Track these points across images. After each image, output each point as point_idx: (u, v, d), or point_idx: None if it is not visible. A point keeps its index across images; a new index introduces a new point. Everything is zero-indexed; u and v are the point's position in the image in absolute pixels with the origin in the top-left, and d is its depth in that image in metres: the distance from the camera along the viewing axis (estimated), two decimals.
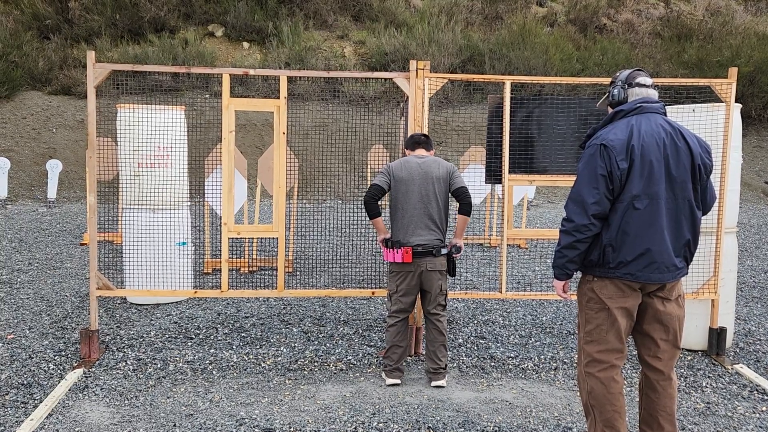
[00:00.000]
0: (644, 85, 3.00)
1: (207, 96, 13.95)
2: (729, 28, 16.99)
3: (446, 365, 4.22)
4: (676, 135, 2.89)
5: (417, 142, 4.31)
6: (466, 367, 4.55)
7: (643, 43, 17.04)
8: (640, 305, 2.96)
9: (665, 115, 2.99)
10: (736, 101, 4.75)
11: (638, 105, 2.94)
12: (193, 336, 5.06)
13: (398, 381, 4.20)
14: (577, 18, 17.57)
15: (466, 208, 4.14)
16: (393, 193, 4.20)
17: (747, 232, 10.38)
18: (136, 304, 5.90)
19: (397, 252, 4.08)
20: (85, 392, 4.03)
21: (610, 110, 3.08)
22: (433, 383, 4.18)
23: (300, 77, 13.94)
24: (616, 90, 3.04)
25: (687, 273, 3.01)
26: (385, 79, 6.64)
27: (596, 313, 2.96)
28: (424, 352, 4.71)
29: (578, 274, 3.10)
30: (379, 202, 4.20)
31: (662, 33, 17.35)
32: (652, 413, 3.04)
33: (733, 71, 4.72)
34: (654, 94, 3.01)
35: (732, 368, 4.57)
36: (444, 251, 4.14)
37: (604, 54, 15.88)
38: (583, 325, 3.03)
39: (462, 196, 4.13)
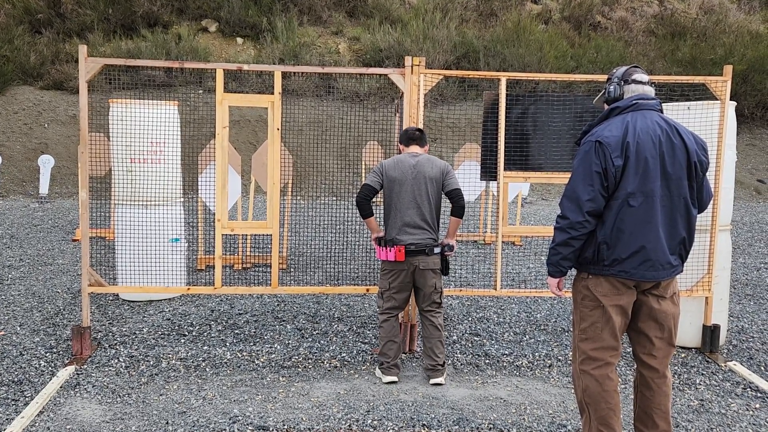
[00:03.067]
0: (640, 82, 2.98)
1: (200, 91, 13.88)
2: (722, 27, 17.05)
3: (444, 362, 4.20)
4: (671, 132, 2.88)
5: (411, 138, 4.28)
6: (461, 364, 4.54)
7: (637, 41, 17.08)
8: (635, 303, 2.96)
9: (661, 112, 2.98)
10: (730, 99, 4.75)
11: (634, 102, 2.93)
12: (186, 333, 5.03)
13: (395, 378, 4.18)
14: (572, 15, 17.58)
15: (458, 210, 4.13)
16: (386, 192, 4.19)
17: (740, 229, 10.43)
18: (129, 301, 5.86)
19: (390, 250, 4.07)
20: (76, 389, 4.00)
21: (606, 107, 3.07)
22: (432, 381, 4.16)
23: (294, 73, 13.89)
24: (612, 87, 3.03)
25: (682, 271, 3.00)
26: (380, 76, 6.61)
27: (591, 311, 2.95)
28: (418, 350, 4.71)
29: (573, 272, 3.10)
30: (374, 199, 4.18)
31: (656, 31, 17.40)
32: (647, 411, 3.04)
33: (728, 69, 4.72)
34: (650, 91, 3.00)
35: (725, 365, 4.58)
36: (437, 250, 4.13)
37: (599, 51, 15.91)
38: (578, 322, 3.02)
39: (456, 198, 4.12)
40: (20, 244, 8.15)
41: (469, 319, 5.54)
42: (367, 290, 4.89)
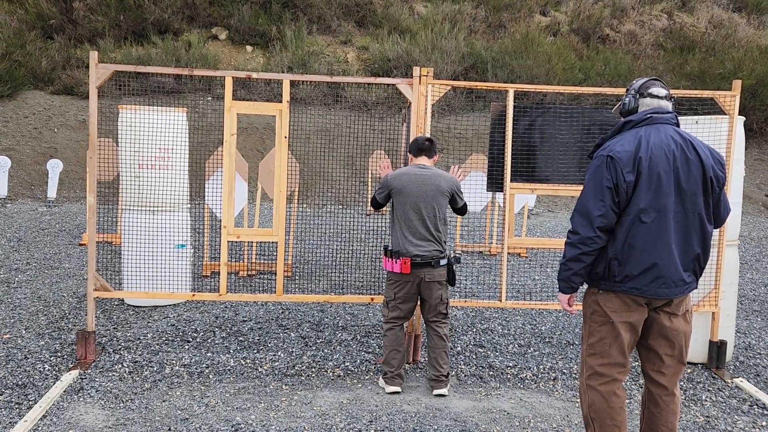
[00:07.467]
0: (657, 96, 2.93)
1: (209, 98, 13.96)
2: (731, 41, 17.01)
3: (448, 373, 4.19)
4: (687, 146, 2.83)
5: (420, 148, 4.28)
6: (465, 375, 4.52)
7: (645, 54, 17.06)
8: (647, 320, 2.91)
9: (677, 126, 2.94)
10: (738, 114, 4.74)
11: (648, 116, 2.89)
12: (190, 339, 5.03)
13: (399, 389, 4.16)
14: (580, 28, 17.60)
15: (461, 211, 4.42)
16: (392, 203, 4.21)
17: (747, 245, 10.36)
18: (134, 306, 5.86)
19: (396, 262, 4.07)
20: (80, 394, 4.00)
21: (622, 118, 3.05)
22: (435, 391, 4.14)
23: (303, 81, 13.95)
24: (627, 99, 2.98)
25: (696, 287, 2.95)
26: (388, 85, 6.63)
27: (600, 326, 2.92)
28: (422, 360, 4.69)
29: (584, 286, 3.07)
30: (382, 210, 4.24)
31: (665, 44, 17.38)
32: (654, 428, 3.00)
33: (737, 84, 4.71)
34: (667, 105, 2.94)
35: (732, 382, 4.54)
36: (443, 262, 4.13)
37: (607, 64, 15.90)
38: (587, 337, 2.99)
39: (461, 214, 4.39)
40: (27, 247, 8.18)
41: (474, 330, 5.51)
42: (372, 299, 4.88)
